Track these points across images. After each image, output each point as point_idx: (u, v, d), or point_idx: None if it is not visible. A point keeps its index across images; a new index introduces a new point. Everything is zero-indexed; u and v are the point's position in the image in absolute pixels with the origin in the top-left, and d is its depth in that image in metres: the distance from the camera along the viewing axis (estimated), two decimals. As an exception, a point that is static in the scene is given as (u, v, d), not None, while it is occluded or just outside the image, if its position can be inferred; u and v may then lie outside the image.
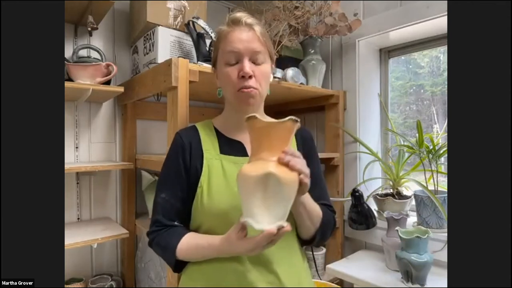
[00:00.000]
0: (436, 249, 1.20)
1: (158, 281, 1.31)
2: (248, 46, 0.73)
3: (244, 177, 0.56)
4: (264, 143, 0.58)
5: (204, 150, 0.78)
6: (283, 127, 0.58)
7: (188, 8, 1.33)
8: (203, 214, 0.73)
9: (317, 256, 1.55)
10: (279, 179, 0.55)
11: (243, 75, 0.73)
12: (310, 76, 1.55)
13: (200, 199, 0.73)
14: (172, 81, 0.99)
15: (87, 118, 1.49)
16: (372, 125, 1.69)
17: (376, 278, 1.20)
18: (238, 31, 0.74)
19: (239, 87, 0.74)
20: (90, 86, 1.17)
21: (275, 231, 0.56)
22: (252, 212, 0.56)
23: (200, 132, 0.81)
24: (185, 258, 0.73)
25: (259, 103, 0.79)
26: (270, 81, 0.80)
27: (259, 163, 0.57)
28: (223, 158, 0.77)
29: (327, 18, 1.46)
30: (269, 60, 0.79)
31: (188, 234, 0.74)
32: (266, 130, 0.58)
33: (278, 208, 0.57)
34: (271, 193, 0.56)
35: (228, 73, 0.75)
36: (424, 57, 1.68)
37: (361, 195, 1.41)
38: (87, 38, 1.46)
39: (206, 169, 0.75)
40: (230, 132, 0.82)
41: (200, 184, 0.74)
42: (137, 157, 1.52)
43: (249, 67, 0.73)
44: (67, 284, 1.34)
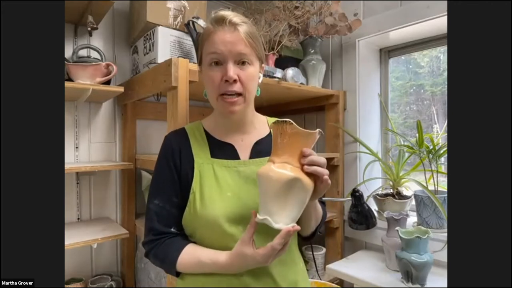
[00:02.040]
0: (436, 249, 1.20)
1: (158, 281, 1.31)
2: (232, 49, 0.69)
3: (271, 178, 0.59)
4: (292, 148, 0.61)
5: (194, 155, 0.74)
6: (312, 137, 0.62)
7: (188, 8, 1.33)
8: (196, 222, 0.71)
9: (317, 256, 1.55)
10: (304, 185, 0.59)
11: (227, 79, 0.69)
12: (310, 76, 1.55)
13: (193, 206, 0.70)
14: (172, 81, 0.99)
15: (87, 118, 1.49)
16: (372, 125, 1.69)
17: (376, 278, 1.20)
18: (221, 31, 0.70)
19: (221, 92, 0.70)
20: (90, 86, 1.17)
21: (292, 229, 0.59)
22: (271, 211, 0.60)
23: (190, 135, 0.78)
24: (185, 271, 0.71)
25: (244, 108, 0.74)
26: (258, 82, 0.77)
27: (287, 167, 0.60)
28: (215, 162, 0.74)
29: (327, 18, 1.46)
30: (256, 61, 0.74)
31: (188, 247, 0.70)
32: (297, 137, 0.61)
33: (295, 210, 0.61)
34: (293, 196, 0.59)
35: (211, 76, 0.71)
36: (424, 57, 1.68)
37: (361, 195, 1.41)
38: (87, 38, 1.46)
39: (197, 174, 0.72)
40: (220, 134, 0.78)
41: (192, 191, 0.71)
42: (137, 157, 1.52)
43: (233, 71, 0.69)
44: (67, 284, 1.34)
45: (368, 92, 1.67)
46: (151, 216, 0.73)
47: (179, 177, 0.74)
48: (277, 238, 0.60)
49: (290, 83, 1.38)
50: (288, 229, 0.59)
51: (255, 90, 0.76)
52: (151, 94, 1.29)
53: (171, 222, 0.73)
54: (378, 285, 1.16)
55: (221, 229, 0.67)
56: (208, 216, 0.68)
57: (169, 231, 0.73)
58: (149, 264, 1.40)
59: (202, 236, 0.72)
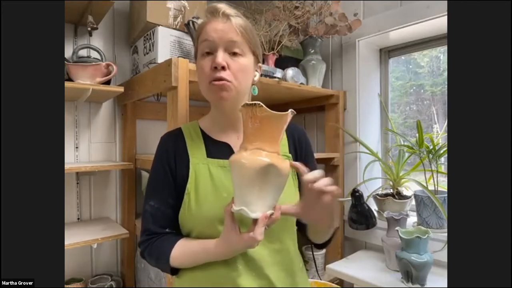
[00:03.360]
0: (436, 249, 1.20)
1: (158, 281, 1.31)
2: (223, 36, 0.69)
3: (243, 165, 0.56)
4: (263, 133, 0.58)
5: (190, 155, 0.74)
6: (285, 118, 0.58)
7: (188, 8, 1.33)
8: (191, 222, 0.71)
9: (317, 256, 1.55)
10: (280, 170, 0.56)
11: (216, 66, 0.68)
12: (310, 76, 1.55)
13: (188, 206, 0.70)
14: (172, 81, 0.99)
15: (87, 118, 1.49)
16: (372, 125, 1.69)
17: (376, 278, 1.20)
18: (214, 21, 0.71)
19: (210, 79, 0.70)
20: (90, 86, 1.17)
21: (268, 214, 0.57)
22: (246, 201, 0.57)
23: (186, 135, 0.78)
24: (179, 266, 0.71)
25: (236, 98, 0.72)
26: (252, 77, 0.76)
27: (258, 153, 0.56)
28: (210, 162, 0.73)
29: (327, 18, 1.46)
30: (249, 54, 0.73)
31: (181, 240, 0.71)
32: (268, 120, 0.57)
33: (271, 197, 0.58)
34: (269, 183, 0.56)
35: (202, 65, 0.71)
36: (424, 57, 1.68)
37: (361, 195, 1.41)
38: (87, 38, 1.46)
39: (192, 174, 0.72)
40: (216, 133, 0.78)
41: (187, 191, 0.71)
42: (137, 157, 1.52)
43: (222, 57, 0.68)
44: (67, 284, 1.34)
45: (368, 92, 1.67)
46: (147, 217, 0.74)
47: (174, 178, 0.74)
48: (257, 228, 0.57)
49: (290, 83, 1.38)
50: (265, 215, 0.57)
51: (246, 83, 0.74)
52: (151, 94, 1.29)
53: (166, 223, 0.74)
54: (378, 285, 1.16)
55: (216, 230, 0.67)
56: (204, 217, 0.69)
57: (163, 232, 0.73)
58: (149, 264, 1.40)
59: (199, 236, 0.71)
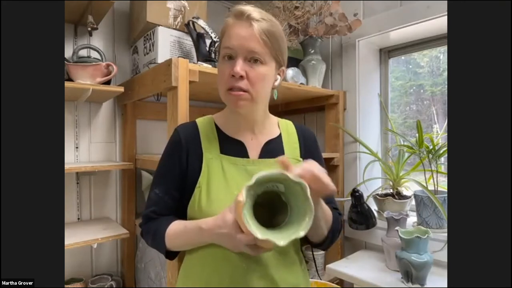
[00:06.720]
0: (436, 249, 1.20)
1: (158, 281, 1.31)
2: (244, 44, 0.68)
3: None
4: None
5: (203, 149, 0.74)
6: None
7: (188, 8, 1.33)
8: (200, 216, 0.70)
9: (317, 256, 1.55)
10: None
11: (233, 75, 0.68)
12: (310, 76, 1.55)
13: (198, 200, 0.71)
14: (172, 81, 0.99)
15: (87, 118, 1.49)
16: (372, 125, 1.69)
17: (376, 278, 1.20)
18: (238, 26, 0.69)
19: (228, 87, 0.70)
20: (90, 86, 1.17)
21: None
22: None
23: (200, 129, 0.78)
24: (174, 245, 0.71)
25: (253, 107, 0.73)
26: (271, 84, 0.75)
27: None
28: (223, 159, 0.74)
29: (327, 18, 1.46)
30: (271, 61, 0.72)
31: (178, 220, 0.71)
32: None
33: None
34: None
35: (222, 70, 0.72)
36: (424, 57, 1.68)
37: (361, 195, 1.41)
38: (87, 38, 1.46)
39: (205, 169, 0.72)
40: (231, 131, 0.78)
41: (199, 185, 0.71)
42: (137, 157, 1.52)
43: (241, 67, 0.68)
44: (67, 284, 1.34)
45: (368, 92, 1.67)
46: (150, 204, 0.76)
47: (185, 169, 0.74)
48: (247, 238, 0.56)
49: (290, 83, 1.38)
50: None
51: (265, 91, 0.74)
52: (151, 94, 1.29)
53: (168, 213, 0.75)
54: (378, 285, 1.16)
55: None
56: (214, 213, 0.67)
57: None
58: (149, 264, 1.40)
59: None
